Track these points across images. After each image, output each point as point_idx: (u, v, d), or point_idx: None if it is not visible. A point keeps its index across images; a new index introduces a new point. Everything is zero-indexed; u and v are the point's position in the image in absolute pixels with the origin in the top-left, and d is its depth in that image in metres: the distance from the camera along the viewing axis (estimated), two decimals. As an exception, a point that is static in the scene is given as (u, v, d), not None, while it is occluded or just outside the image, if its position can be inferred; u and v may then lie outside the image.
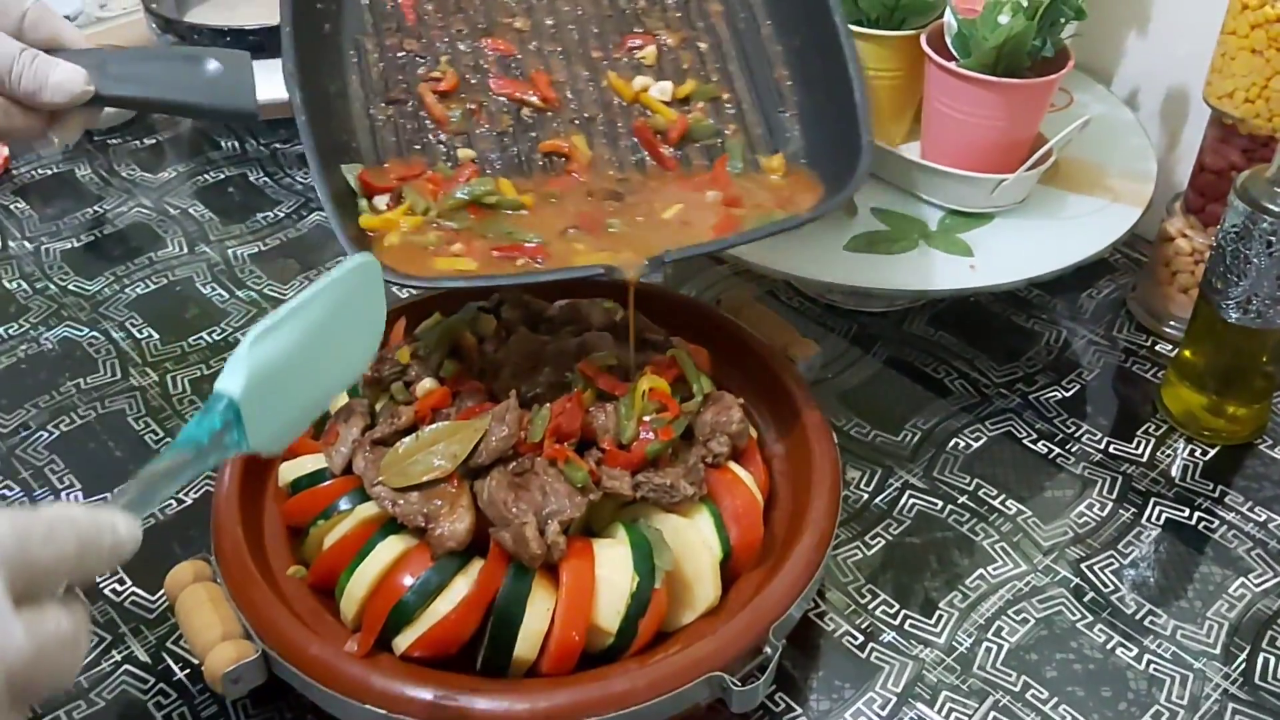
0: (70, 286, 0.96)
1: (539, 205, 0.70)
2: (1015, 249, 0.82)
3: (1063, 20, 0.79)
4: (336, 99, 0.74)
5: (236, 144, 1.16)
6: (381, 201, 0.70)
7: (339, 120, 0.73)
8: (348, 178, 0.70)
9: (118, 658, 0.67)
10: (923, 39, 0.82)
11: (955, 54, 0.81)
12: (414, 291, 0.80)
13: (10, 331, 0.91)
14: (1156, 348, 0.89)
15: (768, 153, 0.74)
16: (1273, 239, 0.70)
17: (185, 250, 1.00)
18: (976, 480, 0.78)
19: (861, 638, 0.68)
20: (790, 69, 0.77)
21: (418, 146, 0.73)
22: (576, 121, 0.75)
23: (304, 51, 0.71)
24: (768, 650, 0.60)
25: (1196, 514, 0.76)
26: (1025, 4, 0.75)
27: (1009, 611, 0.69)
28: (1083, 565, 0.72)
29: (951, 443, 0.81)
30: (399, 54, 0.76)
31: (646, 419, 0.65)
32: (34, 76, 0.62)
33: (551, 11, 0.79)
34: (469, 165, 0.72)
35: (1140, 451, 0.80)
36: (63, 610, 0.39)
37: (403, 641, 0.60)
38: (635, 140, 0.74)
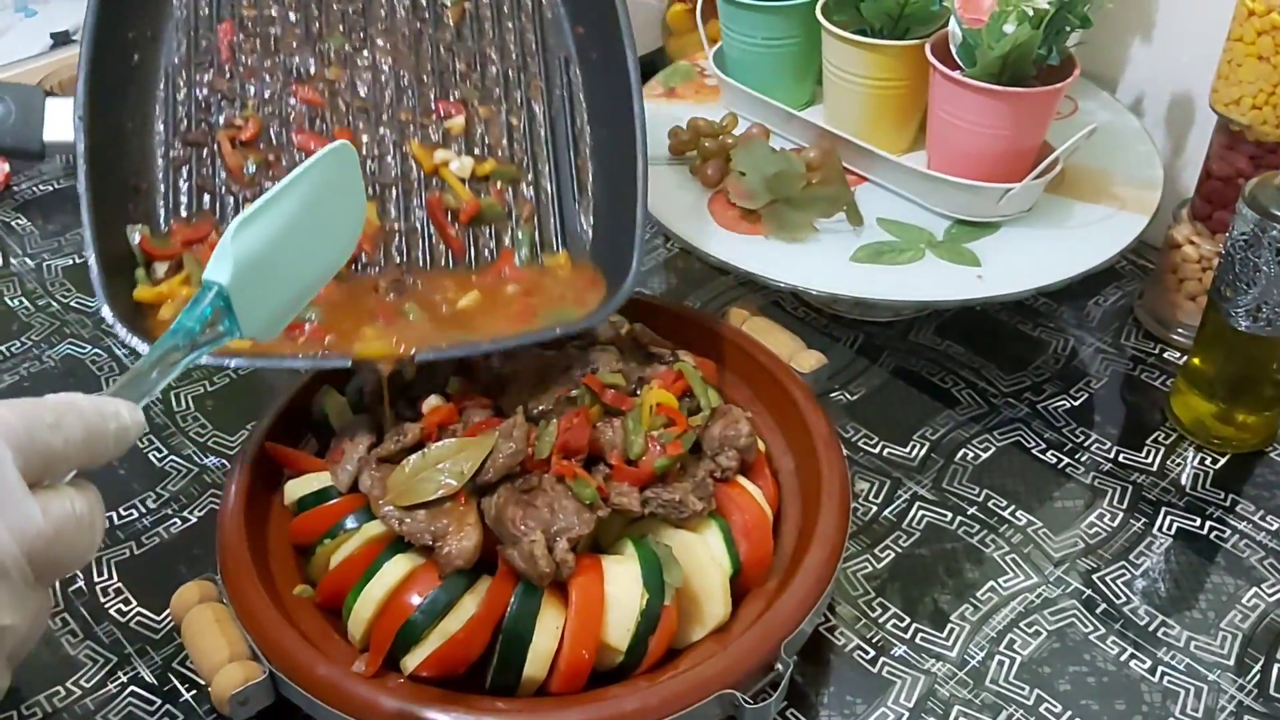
0: (73, 303, 0.96)
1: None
2: (1022, 258, 0.82)
3: (1068, 29, 0.79)
4: (133, 136, 0.73)
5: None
6: (161, 268, 0.70)
7: (130, 160, 0.73)
8: (130, 240, 0.70)
9: (124, 679, 0.66)
10: (927, 48, 0.82)
11: (960, 63, 0.81)
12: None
13: (13, 349, 0.91)
14: (1164, 355, 0.89)
15: (554, 248, 0.75)
16: (1282, 246, 0.70)
17: (188, 266, 1.00)
18: (986, 491, 0.77)
19: (873, 652, 0.67)
20: (595, 160, 0.77)
21: (207, 195, 0.73)
22: (371, 189, 0.74)
23: (105, 85, 0.70)
24: (779, 667, 0.59)
25: (1208, 523, 0.75)
26: (1030, 13, 0.75)
27: (1021, 624, 0.69)
28: (1094, 576, 0.71)
29: (960, 453, 0.80)
30: (205, 92, 0.75)
31: (654, 434, 0.64)
32: None
33: (370, 66, 0.78)
34: None
35: (1150, 460, 0.80)
36: (76, 492, 0.41)
37: (411, 661, 0.59)
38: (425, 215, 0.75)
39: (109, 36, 0.72)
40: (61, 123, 0.68)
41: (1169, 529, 0.75)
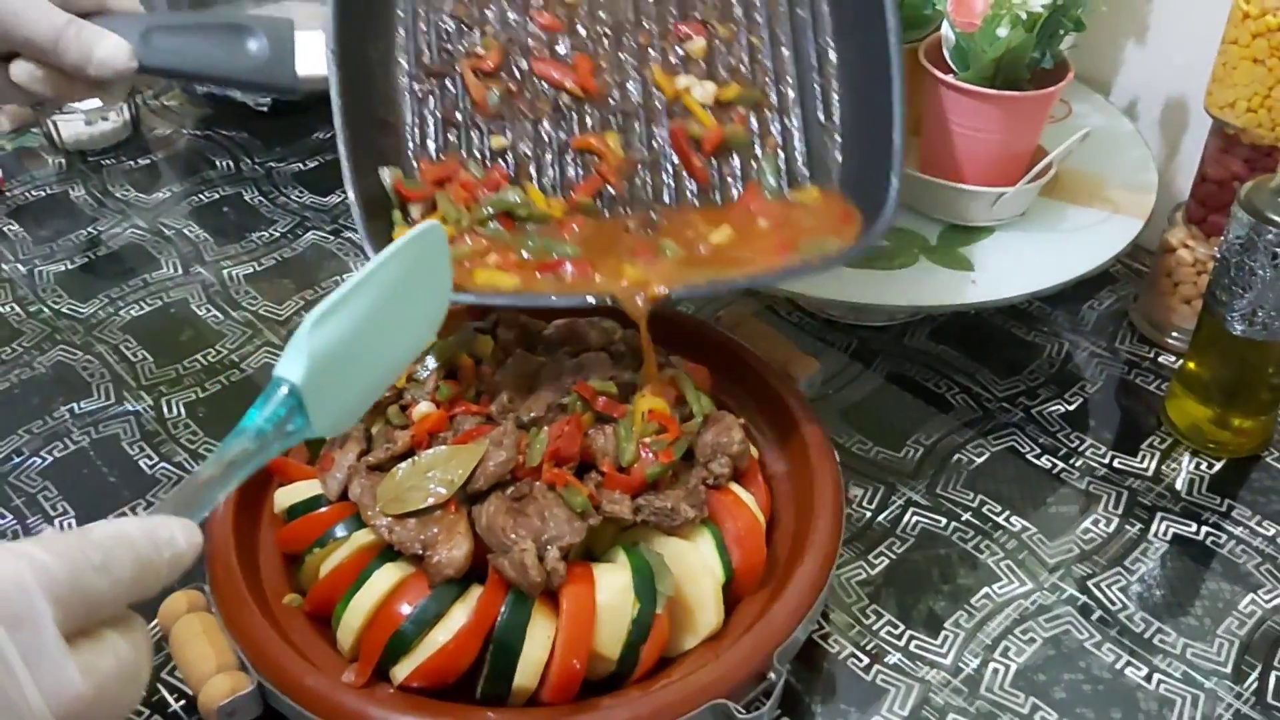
0: (64, 309, 0.95)
1: (574, 218, 0.70)
2: (1017, 263, 0.81)
3: (1061, 32, 0.78)
4: (378, 66, 0.73)
5: (231, 163, 1.15)
6: (416, 210, 0.70)
7: (379, 92, 0.72)
8: (384, 182, 0.70)
9: (112, 689, 0.66)
10: (920, 52, 0.82)
11: (953, 66, 0.80)
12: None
13: (3, 355, 0.90)
14: (1159, 359, 0.88)
15: (802, 179, 0.73)
16: (1278, 250, 0.70)
17: (180, 271, 1.00)
18: (980, 496, 0.77)
19: (866, 659, 0.67)
20: (842, 81, 0.74)
21: (452, 130, 0.73)
22: (614, 117, 0.73)
23: (351, 16, 0.69)
24: (772, 676, 0.59)
25: (1204, 529, 0.75)
26: (1024, 16, 0.74)
27: (1016, 631, 0.68)
28: (1089, 583, 0.71)
29: (954, 458, 0.80)
30: (446, 19, 0.74)
31: (646, 441, 0.64)
32: (80, 50, 0.61)
33: None
34: (498, 168, 0.72)
35: (1145, 465, 0.79)
36: (121, 638, 0.37)
37: (401, 671, 0.59)
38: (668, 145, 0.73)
39: None
40: (313, 56, 0.67)
41: (1165, 534, 0.74)
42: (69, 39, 0.60)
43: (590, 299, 0.66)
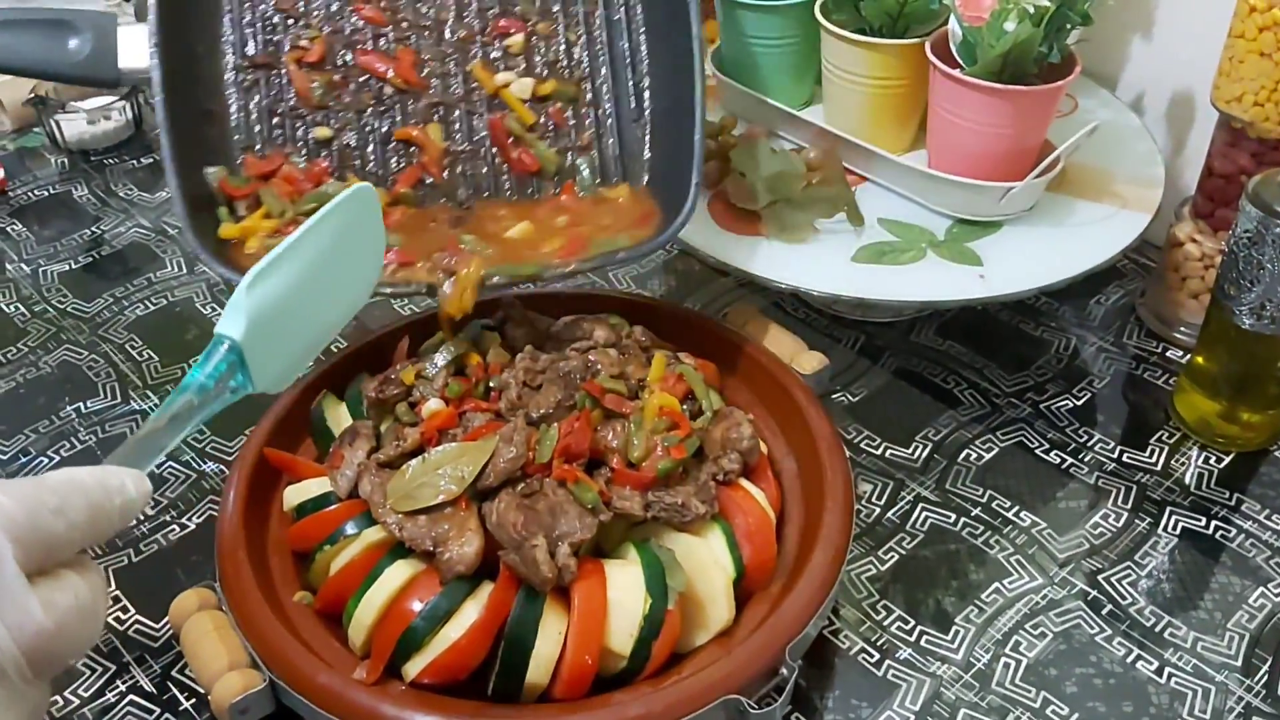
0: (69, 308, 0.95)
1: (395, 210, 0.73)
2: (1025, 257, 0.81)
3: (1069, 26, 0.78)
4: (203, 58, 0.74)
5: (234, 162, 1.15)
6: (241, 205, 0.72)
7: (204, 83, 0.74)
8: (210, 183, 0.71)
9: (122, 688, 0.66)
10: (927, 47, 0.82)
11: (960, 61, 0.80)
12: (416, 309, 0.79)
13: (9, 355, 0.90)
14: (1167, 354, 0.88)
15: (613, 175, 0.77)
16: (1286, 244, 0.70)
17: (184, 270, 0.99)
18: (989, 492, 0.77)
19: (877, 655, 0.67)
20: (651, 76, 0.78)
21: (276, 121, 0.74)
22: (435, 110, 0.76)
23: (175, 8, 0.71)
24: (784, 671, 0.59)
25: (1213, 523, 0.75)
26: (1031, 10, 0.74)
27: (1026, 626, 0.68)
28: (1099, 577, 0.71)
29: (963, 454, 0.80)
30: (270, 11, 0.76)
31: (657, 437, 0.64)
32: None
33: None
34: (320, 162, 0.74)
35: (1154, 460, 0.79)
36: (79, 578, 0.39)
37: (412, 668, 0.58)
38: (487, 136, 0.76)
39: None
40: (135, 50, 0.69)
41: (1174, 529, 0.74)
42: None
43: (412, 289, 0.69)
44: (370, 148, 0.75)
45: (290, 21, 0.76)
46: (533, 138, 0.77)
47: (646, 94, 0.78)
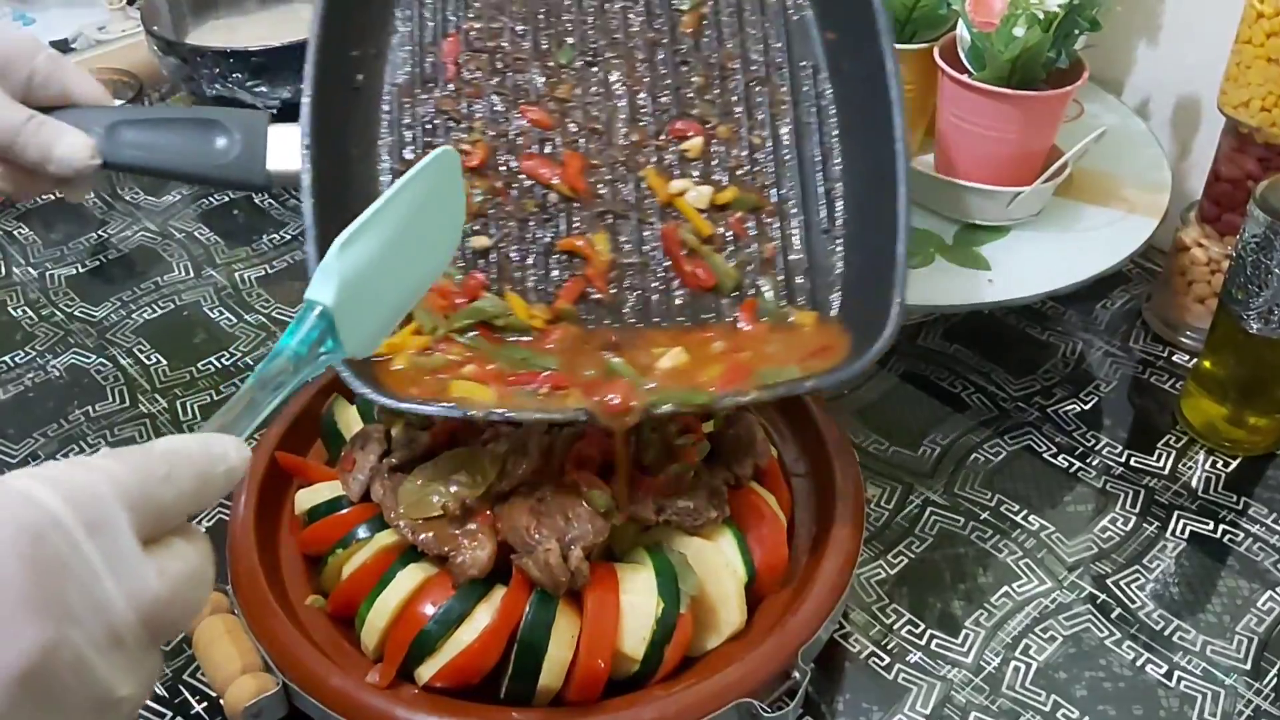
0: (76, 312, 0.95)
1: (556, 329, 0.67)
2: (1033, 262, 0.82)
3: (1077, 32, 0.79)
4: (358, 163, 0.69)
5: (240, 166, 1.15)
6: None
7: (355, 189, 0.68)
8: None
9: (134, 691, 0.66)
10: (935, 52, 0.82)
11: (969, 67, 0.80)
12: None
13: (17, 359, 0.90)
14: (1173, 358, 0.88)
15: (801, 296, 0.68)
16: (1294, 249, 0.70)
17: (191, 274, 1.00)
18: (998, 496, 0.77)
19: (888, 658, 0.67)
20: (845, 184, 0.69)
21: None
22: (603, 219, 0.69)
23: (330, 110, 0.66)
24: (796, 675, 0.59)
25: (1221, 526, 0.75)
26: (1040, 16, 0.75)
27: (1036, 629, 0.68)
28: (1108, 581, 0.71)
29: (971, 458, 0.80)
30: (431, 113, 0.71)
31: (668, 441, 0.64)
32: (39, 146, 0.59)
33: (601, 82, 0.72)
34: (477, 274, 0.68)
35: (1161, 464, 0.79)
36: (187, 544, 0.39)
37: (425, 672, 0.59)
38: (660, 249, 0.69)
39: (333, 57, 0.67)
40: (286, 152, 0.63)
41: (1182, 532, 0.74)
42: (28, 135, 0.59)
43: (568, 416, 0.60)
44: (531, 259, 0.69)
45: (452, 124, 0.70)
46: (709, 250, 0.69)
47: (839, 203, 0.69)
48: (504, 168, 0.70)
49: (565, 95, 0.71)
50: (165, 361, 0.90)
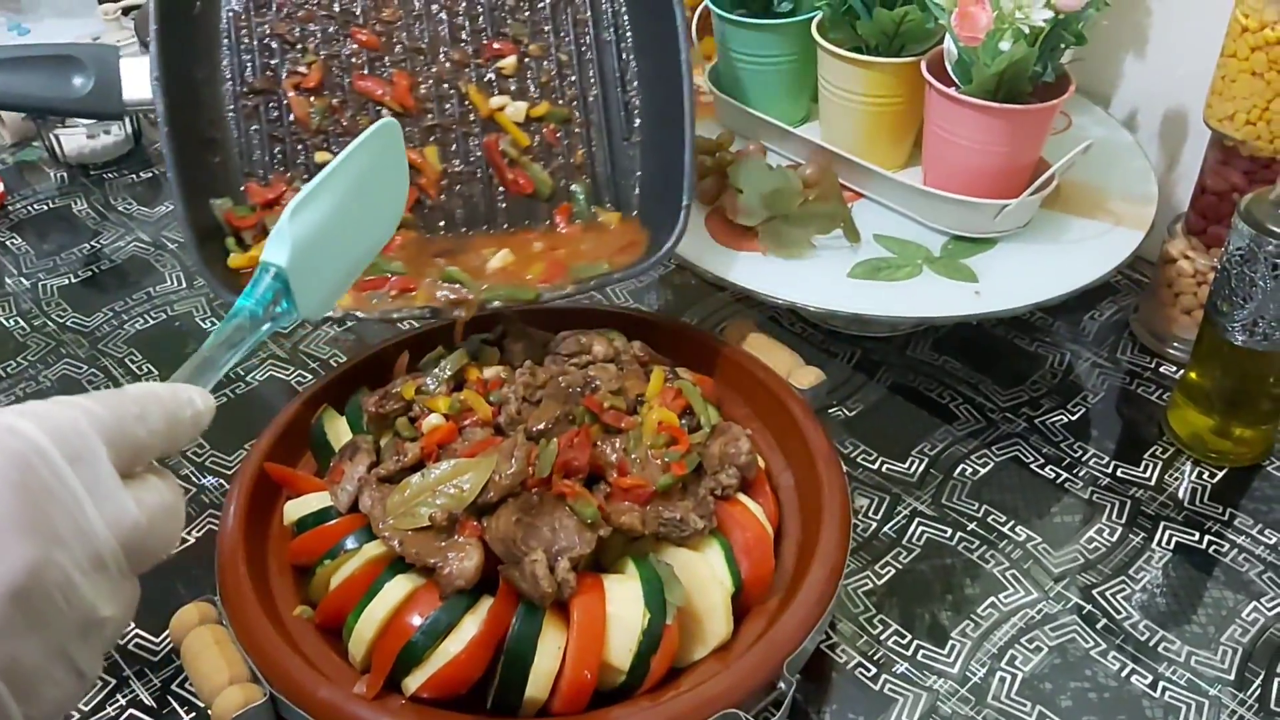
0: (69, 323, 0.96)
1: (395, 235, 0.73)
2: (1020, 274, 0.82)
3: (1063, 46, 0.79)
4: (204, 87, 0.76)
5: (233, 176, 1.15)
6: (248, 235, 0.73)
7: (205, 112, 0.75)
8: (215, 214, 0.73)
9: (122, 701, 0.66)
10: (923, 65, 0.82)
11: (956, 80, 0.81)
12: (415, 324, 0.79)
13: (9, 370, 0.90)
14: (1160, 369, 0.89)
15: (608, 198, 0.79)
16: (1278, 261, 0.70)
17: (184, 285, 1.00)
18: (985, 506, 0.77)
19: (874, 669, 0.67)
20: (643, 95, 0.79)
21: (277, 146, 0.76)
22: (433, 132, 0.78)
23: (174, 40, 0.72)
24: (782, 685, 0.59)
25: (1206, 537, 0.75)
26: (1026, 30, 0.75)
27: (1021, 640, 0.68)
28: (1094, 591, 0.71)
29: (959, 469, 0.80)
30: (267, 38, 0.77)
31: (656, 452, 0.64)
32: None
33: (424, 6, 0.79)
34: None
35: (1148, 475, 0.80)
36: (161, 481, 0.42)
37: (412, 682, 0.59)
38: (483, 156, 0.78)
39: None
40: (139, 82, 0.70)
41: (1168, 543, 0.75)
42: None
43: (415, 313, 0.71)
44: None
45: (287, 47, 0.77)
46: (527, 160, 0.79)
47: (637, 114, 0.79)
48: (339, 86, 0.78)
49: (391, 18, 0.79)
50: (157, 372, 0.90)
